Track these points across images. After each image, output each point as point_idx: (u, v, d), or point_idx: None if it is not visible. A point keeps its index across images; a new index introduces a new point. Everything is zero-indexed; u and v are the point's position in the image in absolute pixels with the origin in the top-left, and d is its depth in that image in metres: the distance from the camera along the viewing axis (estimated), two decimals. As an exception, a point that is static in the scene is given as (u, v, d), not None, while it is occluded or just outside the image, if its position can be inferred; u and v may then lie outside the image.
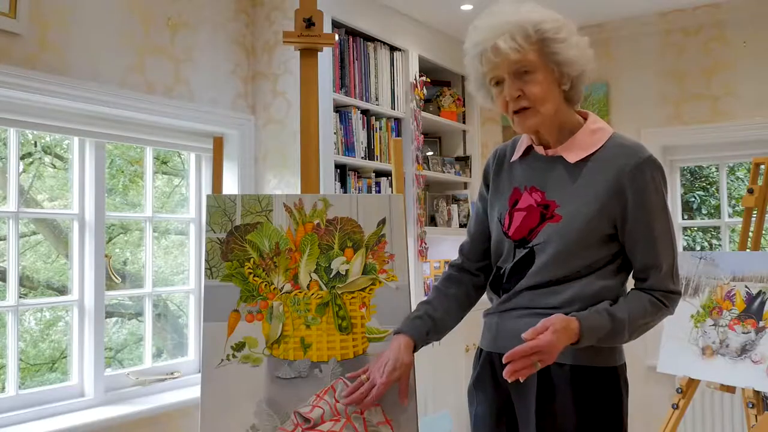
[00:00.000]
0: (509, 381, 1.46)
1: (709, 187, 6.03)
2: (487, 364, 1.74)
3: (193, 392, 3.00)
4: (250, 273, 1.83)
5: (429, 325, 1.76)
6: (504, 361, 1.45)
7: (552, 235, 1.61)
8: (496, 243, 1.75)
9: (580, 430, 1.57)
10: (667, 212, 1.62)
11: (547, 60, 1.57)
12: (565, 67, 1.58)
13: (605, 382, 1.60)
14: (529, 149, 1.73)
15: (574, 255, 1.59)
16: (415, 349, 1.73)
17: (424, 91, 4.06)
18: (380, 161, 3.73)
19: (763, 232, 2.90)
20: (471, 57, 1.64)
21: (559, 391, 1.59)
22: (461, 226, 4.35)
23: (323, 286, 1.84)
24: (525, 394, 1.63)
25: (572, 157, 1.63)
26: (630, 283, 1.68)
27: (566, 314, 1.53)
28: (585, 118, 1.68)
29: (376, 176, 3.76)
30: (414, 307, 1.83)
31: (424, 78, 4.06)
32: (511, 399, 1.68)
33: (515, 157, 1.75)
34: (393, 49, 3.91)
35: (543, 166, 1.68)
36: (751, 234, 2.87)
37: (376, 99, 3.75)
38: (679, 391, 2.80)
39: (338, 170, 3.46)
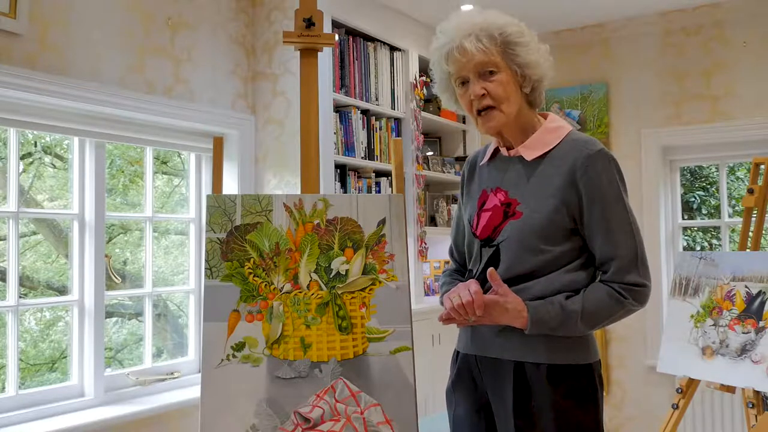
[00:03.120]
0: (443, 325, 1.61)
1: (709, 187, 6.03)
2: (464, 366, 1.78)
3: (193, 392, 3.01)
4: (250, 273, 1.82)
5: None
6: (443, 315, 1.61)
7: (513, 231, 1.65)
8: (468, 245, 1.80)
9: (557, 427, 1.59)
10: (624, 203, 1.63)
11: (510, 62, 1.64)
12: (526, 70, 1.65)
13: (581, 379, 1.62)
14: (496, 152, 1.79)
15: (535, 249, 1.63)
16: None
17: (424, 91, 4.06)
18: (380, 161, 3.73)
19: (763, 232, 2.90)
20: (437, 58, 1.72)
21: (536, 389, 1.61)
22: (461, 226, 4.34)
23: (323, 286, 1.84)
24: (502, 394, 1.65)
25: (529, 155, 1.68)
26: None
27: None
28: (546, 119, 1.73)
29: (376, 176, 3.76)
30: (414, 307, 1.84)
31: (424, 78, 4.06)
32: (488, 399, 1.70)
33: (484, 160, 1.81)
34: (393, 49, 3.91)
35: (506, 166, 1.74)
36: (751, 234, 2.87)
37: (376, 99, 3.75)
38: (679, 391, 2.80)
39: (338, 170, 3.46)
